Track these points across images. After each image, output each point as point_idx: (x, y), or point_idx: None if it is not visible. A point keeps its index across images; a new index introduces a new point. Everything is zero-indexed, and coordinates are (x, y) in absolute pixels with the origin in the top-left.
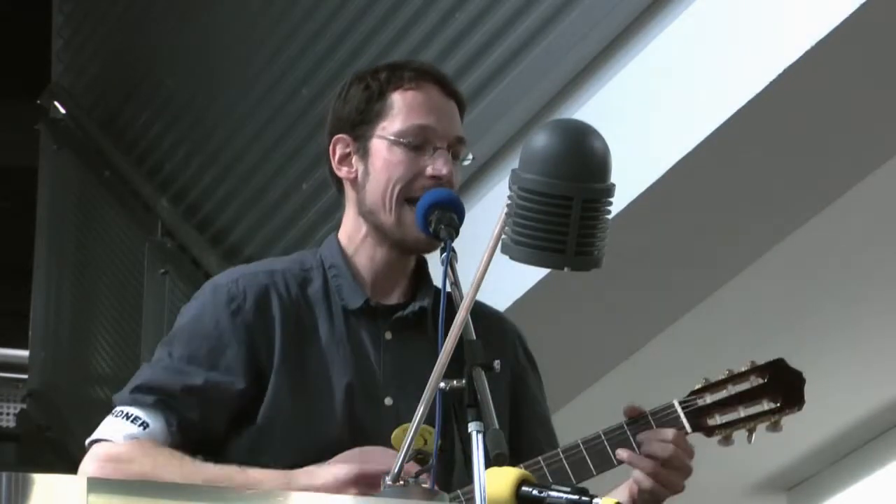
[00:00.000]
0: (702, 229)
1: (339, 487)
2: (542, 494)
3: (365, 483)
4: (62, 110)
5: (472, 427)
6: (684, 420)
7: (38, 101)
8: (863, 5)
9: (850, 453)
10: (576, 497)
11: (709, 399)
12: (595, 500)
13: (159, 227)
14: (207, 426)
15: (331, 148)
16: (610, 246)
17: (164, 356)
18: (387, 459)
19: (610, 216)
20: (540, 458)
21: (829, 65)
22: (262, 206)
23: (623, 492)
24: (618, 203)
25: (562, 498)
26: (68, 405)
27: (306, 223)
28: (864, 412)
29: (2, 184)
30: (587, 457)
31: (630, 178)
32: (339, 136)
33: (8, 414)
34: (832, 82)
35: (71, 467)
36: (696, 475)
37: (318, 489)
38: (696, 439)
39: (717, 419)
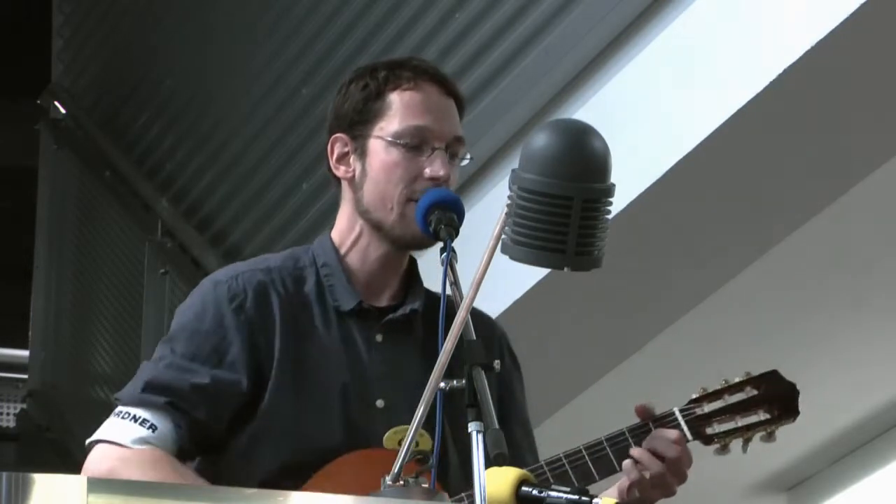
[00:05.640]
0: (701, 229)
1: None
2: (541, 494)
3: None
4: (62, 110)
5: (472, 427)
6: (685, 427)
7: (38, 101)
8: (863, 5)
9: (850, 453)
10: (576, 497)
11: (707, 408)
12: (595, 501)
13: (159, 227)
14: (213, 425)
15: (329, 146)
16: (610, 246)
17: (166, 353)
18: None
19: (610, 216)
20: (542, 462)
21: (829, 65)
22: (262, 206)
23: (612, 492)
24: (618, 203)
25: (562, 498)
26: (68, 405)
27: (306, 223)
28: (864, 412)
29: (2, 184)
30: (590, 463)
31: (630, 178)
32: (338, 135)
33: (8, 414)
34: (832, 82)
35: (71, 467)
36: (696, 475)
37: None
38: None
39: (715, 428)
